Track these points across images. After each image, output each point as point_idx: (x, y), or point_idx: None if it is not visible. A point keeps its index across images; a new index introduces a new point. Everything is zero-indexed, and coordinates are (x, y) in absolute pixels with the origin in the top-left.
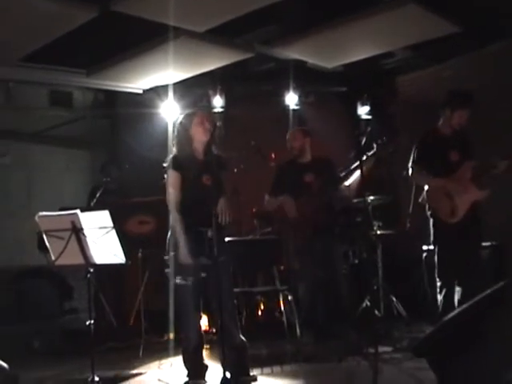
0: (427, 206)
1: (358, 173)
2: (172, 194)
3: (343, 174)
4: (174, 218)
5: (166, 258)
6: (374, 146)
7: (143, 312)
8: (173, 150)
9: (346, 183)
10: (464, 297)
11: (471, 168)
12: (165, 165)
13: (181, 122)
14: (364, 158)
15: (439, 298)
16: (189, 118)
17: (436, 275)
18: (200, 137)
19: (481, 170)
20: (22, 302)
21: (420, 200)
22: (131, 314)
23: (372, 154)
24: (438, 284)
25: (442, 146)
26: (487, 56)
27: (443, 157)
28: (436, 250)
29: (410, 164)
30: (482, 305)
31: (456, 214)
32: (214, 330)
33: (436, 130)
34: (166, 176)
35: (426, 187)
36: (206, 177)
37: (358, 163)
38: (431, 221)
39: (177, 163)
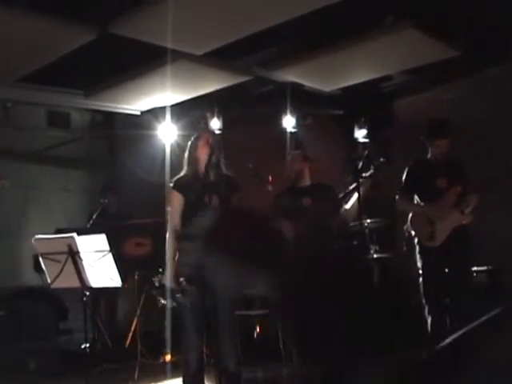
0: (412, 233)
1: (356, 195)
2: (171, 214)
3: (341, 196)
4: (167, 239)
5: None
6: (372, 167)
7: (139, 334)
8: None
9: (347, 206)
10: (453, 322)
11: (456, 194)
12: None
13: (188, 144)
14: (361, 180)
15: (428, 322)
16: (194, 139)
17: (423, 299)
18: (204, 158)
19: (461, 196)
20: (18, 321)
21: (405, 228)
22: (127, 335)
23: (369, 176)
24: (426, 308)
25: (429, 172)
26: (487, 79)
27: (430, 183)
28: (421, 274)
29: (398, 192)
30: (476, 332)
31: (435, 238)
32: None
33: (424, 158)
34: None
35: (410, 214)
36: (209, 197)
37: (355, 185)
38: (416, 247)
39: (179, 184)
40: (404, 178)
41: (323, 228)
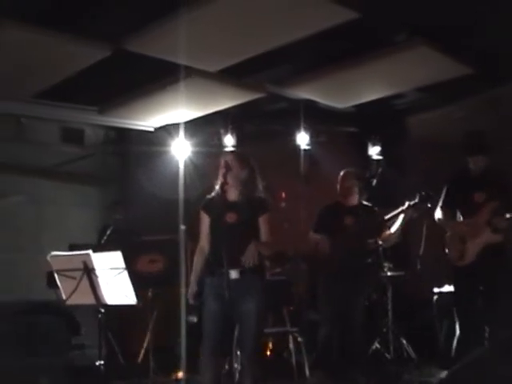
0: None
1: (400, 220)
2: (201, 234)
3: (386, 218)
4: (194, 258)
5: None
6: (417, 196)
7: (151, 350)
8: None
9: (392, 230)
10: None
11: (490, 210)
12: None
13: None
14: (406, 206)
15: (455, 341)
16: (224, 160)
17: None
18: (230, 179)
19: (496, 213)
20: (30, 336)
21: (420, 253)
22: (139, 352)
23: (413, 205)
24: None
25: (467, 187)
26: (499, 97)
27: (467, 198)
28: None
29: (439, 206)
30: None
31: (464, 257)
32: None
33: (463, 171)
34: None
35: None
36: (231, 216)
37: (399, 211)
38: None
39: (206, 205)
40: (444, 192)
41: (361, 249)
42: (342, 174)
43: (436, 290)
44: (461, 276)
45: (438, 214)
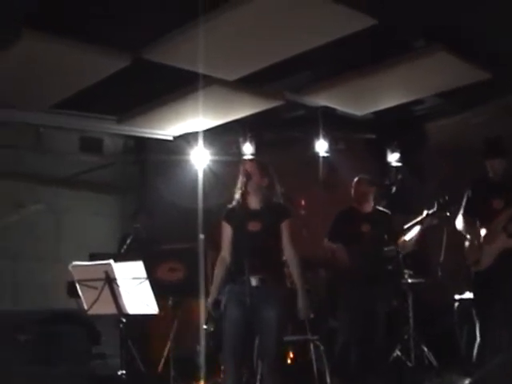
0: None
1: (417, 229)
2: (222, 243)
3: (405, 227)
4: (216, 267)
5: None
6: (435, 205)
7: (172, 359)
8: None
9: (406, 238)
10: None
11: (507, 216)
12: None
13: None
14: (425, 214)
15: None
16: (243, 169)
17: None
18: (254, 187)
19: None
20: (50, 345)
21: (441, 260)
22: (160, 361)
23: (432, 213)
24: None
25: (486, 194)
26: None
27: (486, 205)
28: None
29: (460, 214)
30: None
31: (480, 263)
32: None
33: (482, 178)
34: None
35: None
36: (254, 225)
37: (419, 219)
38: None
39: (227, 214)
40: (465, 199)
41: (378, 256)
42: (356, 180)
43: (457, 296)
44: (478, 281)
45: (460, 221)
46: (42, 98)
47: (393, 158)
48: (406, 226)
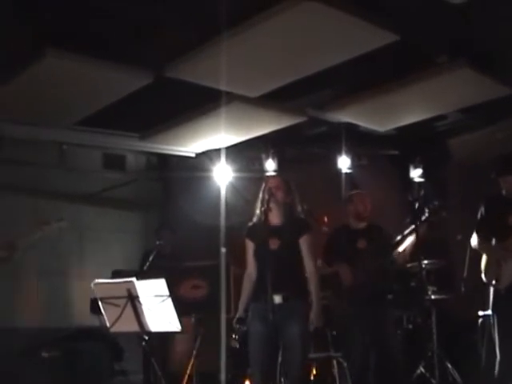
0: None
1: (411, 238)
2: (247, 261)
3: (397, 239)
4: (243, 284)
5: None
6: (426, 210)
7: (195, 376)
8: None
9: (400, 249)
10: None
11: None
12: None
13: (260, 191)
14: (417, 223)
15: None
16: (264, 185)
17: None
18: (275, 204)
19: None
20: (73, 362)
21: (464, 274)
22: (183, 378)
23: (425, 219)
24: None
25: (501, 210)
26: None
27: (502, 222)
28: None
29: (474, 232)
30: None
31: (501, 280)
32: None
33: (496, 195)
34: None
35: (483, 256)
36: (274, 242)
37: (411, 228)
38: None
39: (250, 231)
40: (478, 216)
41: (380, 271)
42: (354, 195)
43: (481, 312)
44: (499, 299)
45: (474, 239)
46: (66, 116)
47: (415, 174)
48: (398, 238)
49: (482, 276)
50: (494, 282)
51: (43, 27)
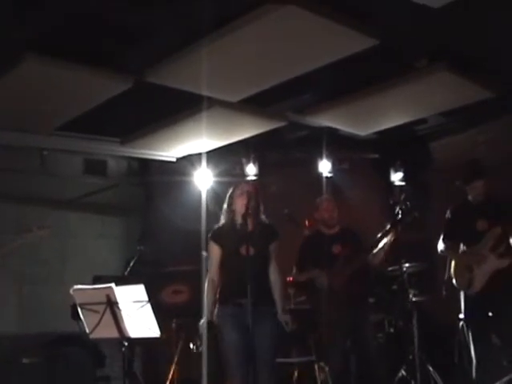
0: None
1: (386, 239)
2: (210, 264)
3: (373, 241)
4: (205, 289)
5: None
6: (399, 211)
7: (176, 381)
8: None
9: (375, 250)
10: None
11: (494, 237)
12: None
13: (227, 195)
14: (390, 224)
15: (473, 372)
16: (231, 190)
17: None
18: (240, 209)
19: (500, 239)
20: (55, 368)
21: (446, 277)
22: (165, 383)
23: (398, 220)
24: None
25: (470, 216)
26: None
27: (470, 227)
28: (464, 319)
29: (441, 237)
30: None
31: (473, 285)
32: None
33: (463, 202)
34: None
35: (452, 261)
36: (246, 248)
37: (386, 230)
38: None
39: (216, 235)
40: (445, 222)
41: (357, 274)
42: (323, 201)
43: (461, 315)
44: (471, 304)
45: (441, 245)
46: (46, 121)
47: (396, 178)
48: (376, 239)
49: (453, 282)
50: (466, 287)
51: (22, 32)
